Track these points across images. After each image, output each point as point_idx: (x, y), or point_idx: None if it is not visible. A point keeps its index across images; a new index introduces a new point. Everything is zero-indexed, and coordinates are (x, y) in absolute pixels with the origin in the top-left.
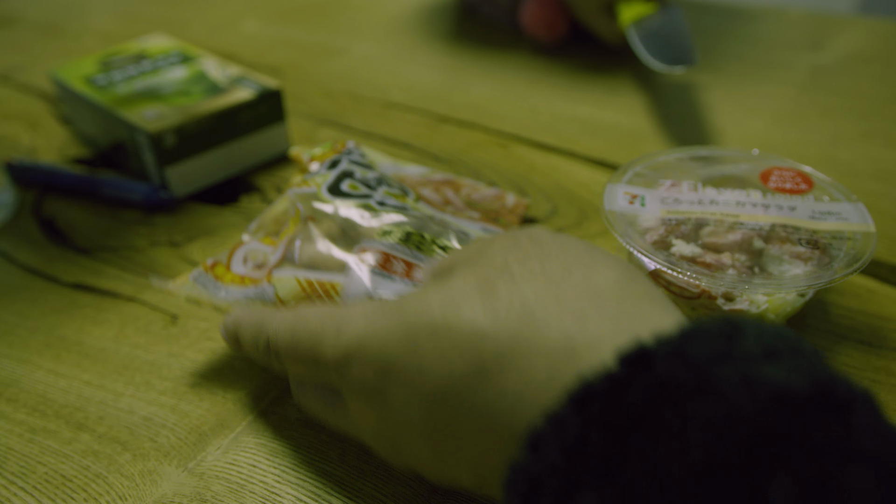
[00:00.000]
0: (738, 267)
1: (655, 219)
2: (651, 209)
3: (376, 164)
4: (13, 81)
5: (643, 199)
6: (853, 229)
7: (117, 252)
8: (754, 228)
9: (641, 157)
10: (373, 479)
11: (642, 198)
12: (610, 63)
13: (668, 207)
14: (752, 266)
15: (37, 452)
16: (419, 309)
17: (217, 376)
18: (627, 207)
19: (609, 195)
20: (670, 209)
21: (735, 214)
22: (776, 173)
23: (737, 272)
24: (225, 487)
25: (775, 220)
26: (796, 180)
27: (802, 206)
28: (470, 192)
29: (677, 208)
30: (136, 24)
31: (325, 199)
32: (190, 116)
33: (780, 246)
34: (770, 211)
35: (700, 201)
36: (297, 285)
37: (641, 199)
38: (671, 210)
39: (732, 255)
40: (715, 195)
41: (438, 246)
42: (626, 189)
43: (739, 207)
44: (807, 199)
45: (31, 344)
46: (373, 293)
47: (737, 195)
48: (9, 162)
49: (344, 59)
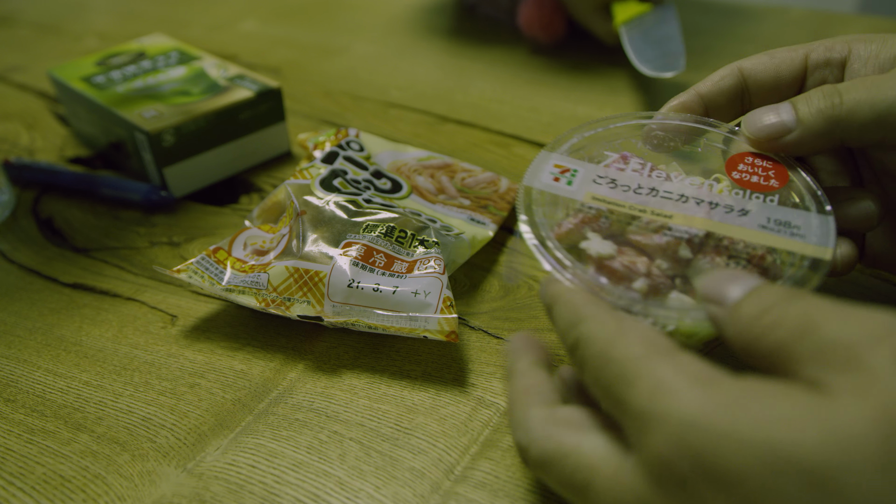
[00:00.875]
0: (655, 277)
1: (577, 203)
2: (576, 190)
3: (374, 154)
4: (12, 81)
5: (573, 175)
6: (805, 252)
7: (116, 252)
8: (683, 234)
9: (603, 119)
10: (372, 479)
11: (573, 173)
12: (610, 63)
13: (598, 191)
14: (674, 277)
15: (35, 453)
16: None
17: (216, 377)
18: (551, 184)
19: (535, 167)
20: (598, 194)
21: (667, 214)
22: (747, 161)
23: (648, 283)
24: (224, 488)
25: (714, 226)
26: (768, 173)
27: (757, 211)
28: (465, 177)
29: (607, 194)
30: (135, 23)
31: (316, 193)
32: (189, 116)
33: (713, 258)
34: (714, 213)
35: (639, 187)
36: (285, 271)
37: (571, 176)
38: (598, 196)
39: (652, 262)
40: (661, 182)
41: (418, 241)
42: (558, 160)
43: (679, 203)
44: (767, 203)
45: (30, 344)
46: (353, 283)
47: (686, 185)
48: (7, 161)
49: (344, 59)
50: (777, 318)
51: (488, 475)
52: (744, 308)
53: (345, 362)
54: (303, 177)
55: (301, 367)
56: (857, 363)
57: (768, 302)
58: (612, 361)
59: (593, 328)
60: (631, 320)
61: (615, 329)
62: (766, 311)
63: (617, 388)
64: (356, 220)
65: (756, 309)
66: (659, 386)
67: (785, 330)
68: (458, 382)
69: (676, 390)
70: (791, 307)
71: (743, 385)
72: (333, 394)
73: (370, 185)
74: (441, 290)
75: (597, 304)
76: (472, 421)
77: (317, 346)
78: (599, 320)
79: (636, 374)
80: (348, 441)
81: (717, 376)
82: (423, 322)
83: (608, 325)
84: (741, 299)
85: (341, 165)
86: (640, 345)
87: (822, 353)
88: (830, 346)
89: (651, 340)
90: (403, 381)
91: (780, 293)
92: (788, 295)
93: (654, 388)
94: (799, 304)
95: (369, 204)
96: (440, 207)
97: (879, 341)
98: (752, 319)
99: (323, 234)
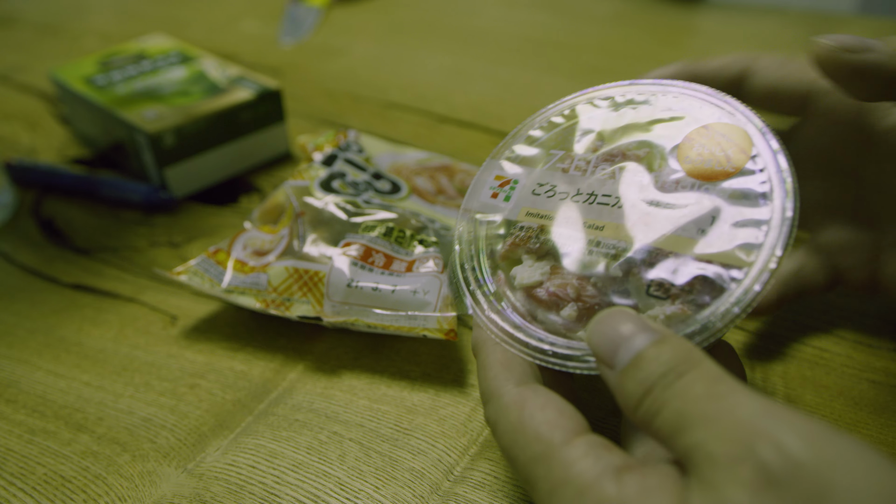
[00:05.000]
0: (587, 299)
1: (512, 223)
2: (513, 207)
3: (374, 156)
4: (13, 81)
5: (512, 188)
6: (749, 260)
7: (117, 252)
8: (611, 251)
9: (553, 108)
10: (372, 480)
11: (512, 186)
12: (610, 63)
13: (534, 204)
14: (611, 292)
15: (36, 453)
16: None
17: (217, 377)
18: (489, 203)
19: (478, 180)
20: (533, 208)
21: (600, 225)
22: (705, 138)
23: (578, 307)
24: (224, 488)
25: (647, 235)
26: (726, 153)
27: (697, 207)
28: (464, 178)
29: (543, 206)
30: (135, 24)
31: (316, 194)
32: (189, 117)
33: (643, 277)
34: (650, 219)
35: (578, 193)
36: (284, 271)
37: (510, 189)
38: (533, 211)
39: (586, 281)
40: (601, 183)
41: (417, 240)
42: (500, 171)
43: (615, 210)
44: (716, 193)
45: (31, 344)
46: (352, 282)
47: (626, 184)
48: (8, 162)
49: (344, 59)
50: (656, 406)
51: (488, 476)
52: (628, 385)
53: (344, 363)
54: (302, 178)
55: (301, 368)
56: (712, 484)
57: (651, 379)
58: (514, 461)
59: (498, 414)
60: (530, 407)
61: (516, 422)
62: (647, 391)
63: (525, 485)
64: (355, 220)
65: (639, 388)
66: (552, 492)
67: (662, 421)
68: (458, 383)
69: (564, 499)
70: (668, 394)
71: (620, 494)
72: (333, 394)
73: (369, 187)
74: (440, 289)
75: (504, 380)
76: (472, 421)
77: (316, 347)
78: (503, 407)
79: (536, 477)
80: (348, 441)
81: (602, 469)
82: (423, 321)
83: (509, 414)
84: (626, 367)
85: (341, 167)
86: (536, 443)
87: (689, 460)
88: (695, 456)
89: (545, 435)
90: (403, 382)
91: (664, 366)
92: (672, 373)
93: (550, 493)
94: (676, 392)
95: (368, 205)
96: (439, 208)
97: (739, 462)
98: (635, 401)
99: (322, 235)
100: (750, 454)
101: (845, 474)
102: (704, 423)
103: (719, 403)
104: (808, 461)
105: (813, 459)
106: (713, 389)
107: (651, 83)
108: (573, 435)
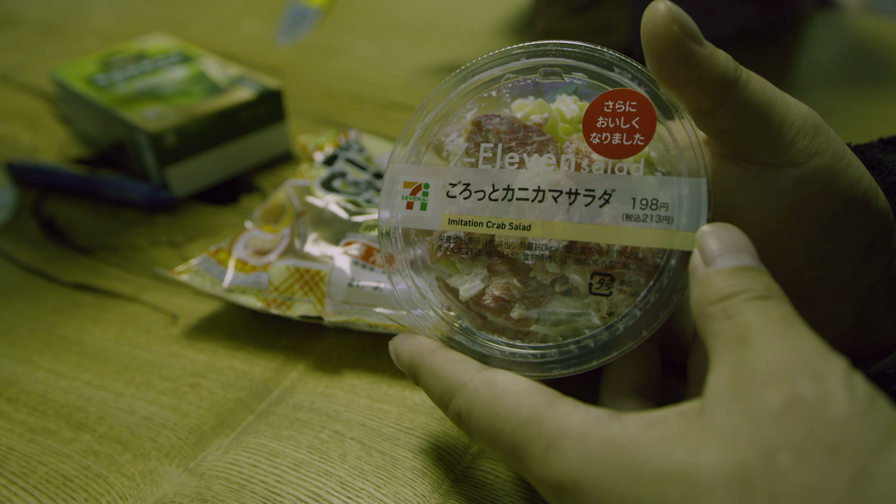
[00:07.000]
0: (531, 294)
1: (435, 233)
2: (431, 215)
3: (374, 155)
4: (13, 81)
5: (424, 193)
6: (673, 243)
7: (118, 252)
8: (544, 252)
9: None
10: (373, 478)
11: (424, 192)
12: None
13: (453, 209)
14: (552, 282)
15: (37, 452)
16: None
17: (218, 376)
18: (407, 215)
19: (387, 191)
20: (454, 214)
21: (526, 224)
22: (606, 110)
23: (526, 304)
24: (225, 487)
25: (575, 231)
26: (632, 123)
27: (621, 192)
28: None
29: (463, 209)
30: (136, 23)
31: (317, 193)
32: (190, 116)
33: (577, 273)
34: (574, 209)
35: (494, 189)
36: (286, 271)
37: (423, 195)
38: (454, 217)
39: (527, 279)
40: (513, 175)
41: None
42: (406, 176)
43: (536, 205)
44: (633, 175)
45: (32, 344)
46: (353, 282)
47: (541, 169)
48: (9, 162)
49: (344, 59)
50: (734, 309)
51: (488, 475)
52: (716, 280)
53: (346, 362)
54: (303, 177)
55: (302, 367)
56: (747, 397)
57: (741, 286)
58: (499, 435)
59: (470, 400)
60: (502, 384)
61: (492, 398)
62: (733, 294)
63: (514, 458)
64: (356, 219)
65: (727, 289)
66: (550, 445)
67: (731, 324)
68: None
69: (568, 446)
70: (750, 305)
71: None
72: (334, 393)
73: (370, 186)
74: None
75: (462, 371)
76: None
77: (318, 346)
78: (473, 392)
79: (527, 440)
80: (349, 440)
81: (595, 420)
82: None
83: (482, 394)
84: (727, 269)
85: (341, 167)
86: (521, 409)
87: (734, 369)
88: (742, 370)
89: (528, 401)
90: (404, 381)
91: (757, 284)
92: (761, 292)
93: (545, 450)
94: (758, 308)
95: (369, 204)
96: None
97: (781, 382)
98: (717, 296)
99: (323, 234)
100: (793, 381)
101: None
102: (767, 340)
103: (788, 330)
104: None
105: (847, 405)
106: (789, 319)
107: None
108: (555, 398)
